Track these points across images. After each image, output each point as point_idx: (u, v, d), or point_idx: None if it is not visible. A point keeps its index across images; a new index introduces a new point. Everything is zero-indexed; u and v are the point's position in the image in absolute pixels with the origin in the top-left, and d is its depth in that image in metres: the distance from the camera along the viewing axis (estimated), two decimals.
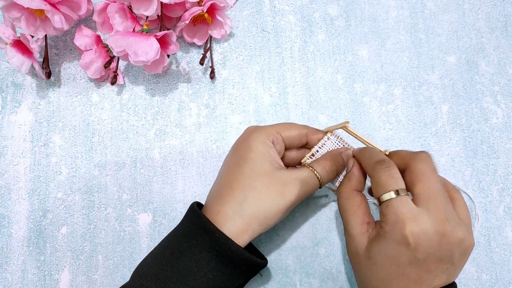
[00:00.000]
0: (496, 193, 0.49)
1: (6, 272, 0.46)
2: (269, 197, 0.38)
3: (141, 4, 0.45)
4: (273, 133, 0.41)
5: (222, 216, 0.38)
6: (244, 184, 0.39)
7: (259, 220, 0.38)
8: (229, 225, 0.38)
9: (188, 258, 0.38)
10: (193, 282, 0.37)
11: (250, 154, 0.40)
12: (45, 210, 0.48)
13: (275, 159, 0.40)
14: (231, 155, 0.42)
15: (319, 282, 0.46)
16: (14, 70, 0.51)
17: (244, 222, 0.38)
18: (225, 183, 0.40)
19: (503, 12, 0.54)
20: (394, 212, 0.36)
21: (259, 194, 0.38)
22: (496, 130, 0.50)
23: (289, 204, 0.39)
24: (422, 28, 0.53)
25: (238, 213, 0.38)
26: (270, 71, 0.51)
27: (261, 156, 0.39)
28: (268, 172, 0.39)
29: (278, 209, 0.39)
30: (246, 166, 0.39)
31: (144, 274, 0.39)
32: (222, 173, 0.42)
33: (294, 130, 0.42)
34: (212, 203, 0.40)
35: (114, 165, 0.49)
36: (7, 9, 0.44)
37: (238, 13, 0.53)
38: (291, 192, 0.39)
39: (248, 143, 0.40)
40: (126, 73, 0.51)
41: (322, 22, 0.53)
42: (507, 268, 0.47)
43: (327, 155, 0.43)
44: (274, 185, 0.39)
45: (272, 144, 0.41)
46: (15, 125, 0.50)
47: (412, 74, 0.52)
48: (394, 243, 0.36)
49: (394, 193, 0.36)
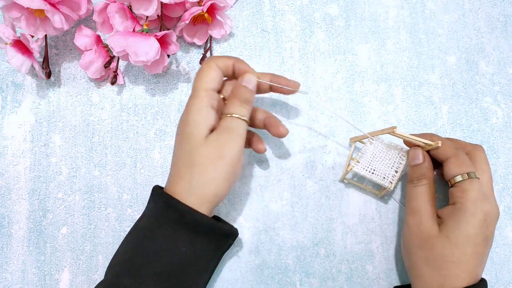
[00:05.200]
0: (496, 193, 0.49)
1: (6, 272, 0.46)
2: (210, 165, 0.39)
3: (141, 4, 0.45)
4: (205, 96, 0.41)
5: (177, 197, 0.39)
6: (187, 162, 0.40)
7: (211, 190, 0.39)
8: (185, 200, 0.39)
9: (159, 236, 0.38)
10: (167, 259, 0.38)
11: (187, 128, 0.40)
12: (45, 210, 0.48)
13: (211, 121, 0.41)
14: (177, 131, 0.42)
15: (319, 282, 0.46)
16: (14, 70, 0.51)
17: (198, 198, 0.39)
18: (173, 163, 0.41)
19: (503, 12, 0.54)
20: (476, 189, 0.40)
21: (202, 167, 0.39)
22: (496, 130, 0.50)
23: (232, 160, 0.40)
24: (422, 28, 0.53)
25: (189, 192, 0.39)
26: (270, 71, 0.51)
27: (196, 126, 0.40)
28: (204, 140, 0.40)
29: (225, 172, 0.39)
30: (185, 143, 0.40)
31: (118, 263, 0.39)
32: (173, 153, 0.43)
33: (211, 73, 0.41)
34: (168, 185, 0.41)
35: (114, 165, 0.49)
36: (7, 9, 0.44)
37: (238, 13, 0.53)
38: (228, 148, 0.39)
39: (186, 117, 0.41)
40: (126, 73, 0.51)
41: (322, 22, 0.53)
42: (507, 268, 0.47)
43: (230, 96, 0.42)
44: (211, 151, 0.39)
45: (211, 107, 0.41)
46: (15, 125, 0.50)
47: (412, 74, 0.52)
48: (474, 220, 0.39)
49: (473, 174, 0.41)
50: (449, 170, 0.41)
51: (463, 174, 0.41)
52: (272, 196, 0.48)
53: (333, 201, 0.48)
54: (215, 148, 0.39)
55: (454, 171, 0.41)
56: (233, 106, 0.41)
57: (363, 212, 0.48)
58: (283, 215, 0.48)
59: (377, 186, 0.48)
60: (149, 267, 0.38)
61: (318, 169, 0.49)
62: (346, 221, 0.48)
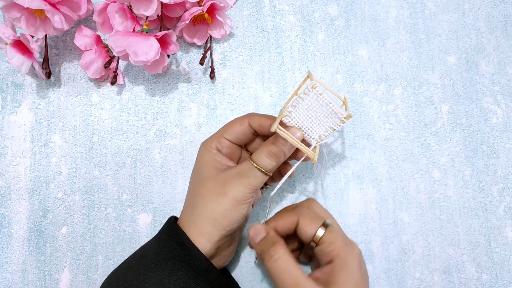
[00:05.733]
0: (496, 193, 0.49)
1: (6, 272, 0.46)
2: (212, 199, 0.40)
3: (141, 4, 0.45)
4: (215, 140, 0.42)
5: (180, 225, 0.40)
6: (192, 193, 0.42)
7: (209, 222, 0.39)
8: (186, 230, 0.40)
9: (161, 269, 0.38)
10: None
11: (197, 166, 0.43)
12: (45, 210, 0.48)
13: (221, 163, 0.42)
14: (192, 171, 0.44)
15: None
16: (14, 70, 0.51)
17: (196, 227, 0.39)
18: (185, 197, 0.43)
19: (503, 12, 0.54)
20: (340, 236, 0.40)
21: (204, 198, 0.40)
22: (496, 130, 0.50)
23: (234, 200, 0.39)
24: (422, 28, 0.53)
25: (191, 220, 0.40)
26: (270, 71, 0.51)
27: (205, 164, 0.42)
28: (212, 176, 0.41)
29: (224, 208, 0.39)
30: (194, 177, 0.42)
31: (117, 281, 0.39)
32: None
33: (235, 126, 0.43)
34: (179, 218, 0.42)
35: (114, 165, 0.49)
36: (7, 9, 0.44)
37: (238, 13, 0.53)
38: (232, 189, 0.39)
39: (197, 158, 0.43)
40: (126, 73, 0.51)
41: (322, 22, 0.53)
42: (507, 268, 0.47)
43: (267, 142, 0.41)
44: (216, 187, 0.40)
45: (217, 150, 0.42)
46: (15, 125, 0.50)
47: (412, 74, 0.52)
48: (355, 268, 0.38)
49: (326, 222, 0.41)
50: (306, 231, 0.40)
51: (320, 228, 0.40)
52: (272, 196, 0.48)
53: (333, 201, 0.48)
54: (220, 184, 0.40)
55: (311, 229, 0.40)
56: (258, 155, 0.40)
57: (363, 212, 0.48)
58: None
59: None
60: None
61: (318, 169, 0.49)
62: (346, 221, 0.48)
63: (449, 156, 0.50)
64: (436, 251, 0.47)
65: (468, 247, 0.48)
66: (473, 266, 0.47)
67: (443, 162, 0.49)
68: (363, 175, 0.49)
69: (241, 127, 0.42)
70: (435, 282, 0.47)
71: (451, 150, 0.50)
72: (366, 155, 0.49)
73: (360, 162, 0.49)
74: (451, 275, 0.47)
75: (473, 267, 0.47)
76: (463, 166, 0.49)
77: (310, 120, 0.40)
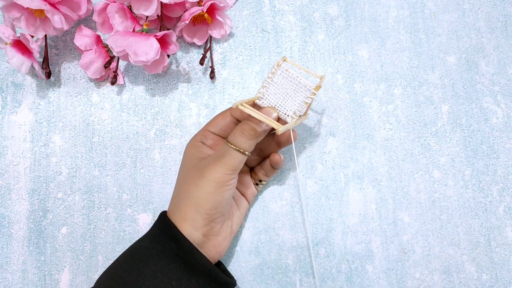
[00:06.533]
0: (496, 193, 0.49)
1: (6, 272, 0.46)
2: (193, 183, 0.41)
3: (141, 4, 0.45)
4: (200, 134, 0.44)
5: (168, 216, 0.42)
6: (178, 183, 0.43)
7: (192, 207, 0.40)
8: (172, 218, 0.41)
9: (154, 263, 0.39)
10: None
11: (183, 159, 0.44)
12: (45, 210, 0.48)
13: (205, 153, 0.43)
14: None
15: (319, 282, 0.46)
16: (14, 70, 0.51)
17: (180, 212, 0.41)
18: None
19: (503, 12, 0.54)
20: None
21: (186, 184, 0.42)
22: (496, 130, 0.50)
23: (214, 182, 0.40)
24: (422, 28, 0.53)
25: (176, 207, 0.42)
26: (270, 71, 0.51)
27: (190, 156, 0.43)
28: (195, 164, 0.42)
29: (205, 191, 0.40)
30: (180, 170, 0.44)
31: (111, 276, 0.40)
32: None
33: (218, 119, 0.44)
34: (168, 209, 0.44)
35: (114, 165, 0.49)
36: (7, 9, 0.44)
37: (238, 13, 0.53)
38: (210, 170, 0.40)
39: (184, 152, 0.45)
40: (126, 73, 0.51)
41: (322, 22, 0.53)
42: (507, 268, 0.47)
43: (236, 127, 0.42)
44: (196, 172, 0.41)
45: (202, 142, 0.44)
46: (15, 125, 0.50)
47: (412, 74, 0.52)
48: None
49: None
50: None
51: None
52: (272, 196, 0.48)
53: (333, 201, 0.48)
54: (199, 169, 0.41)
55: None
56: (232, 135, 0.41)
57: (363, 212, 0.48)
58: (283, 215, 0.48)
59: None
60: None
61: (318, 169, 0.49)
62: (346, 221, 0.48)
63: (449, 156, 0.50)
64: (436, 251, 0.47)
65: (468, 247, 0.48)
66: (473, 266, 0.47)
67: (443, 162, 0.49)
68: (363, 175, 0.49)
69: (224, 120, 0.44)
70: (435, 282, 0.47)
71: (451, 150, 0.50)
72: (366, 155, 0.49)
73: (360, 162, 0.49)
74: (451, 275, 0.47)
75: (473, 267, 0.47)
76: (463, 166, 0.49)
77: (282, 97, 0.42)
